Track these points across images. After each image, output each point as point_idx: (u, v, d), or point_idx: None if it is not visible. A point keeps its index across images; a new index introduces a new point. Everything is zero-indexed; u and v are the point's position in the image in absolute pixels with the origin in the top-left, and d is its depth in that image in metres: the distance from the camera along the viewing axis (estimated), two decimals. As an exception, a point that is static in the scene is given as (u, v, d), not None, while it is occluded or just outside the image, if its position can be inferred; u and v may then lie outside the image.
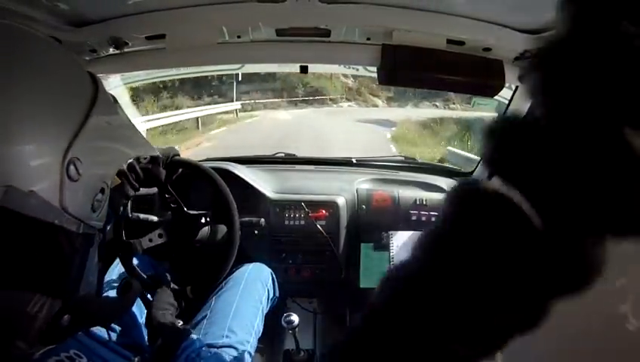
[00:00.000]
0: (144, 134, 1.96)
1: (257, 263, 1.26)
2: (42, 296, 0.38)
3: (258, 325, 1.05)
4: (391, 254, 0.75)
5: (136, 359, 0.63)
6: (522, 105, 1.16)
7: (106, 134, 0.46)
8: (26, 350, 0.39)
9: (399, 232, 0.76)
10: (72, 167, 0.38)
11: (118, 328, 0.89)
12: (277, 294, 1.29)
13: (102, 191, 0.44)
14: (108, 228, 0.95)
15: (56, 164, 0.37)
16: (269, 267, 1.30)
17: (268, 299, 1.19)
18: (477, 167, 1.47)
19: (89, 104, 0.43)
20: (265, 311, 1.14)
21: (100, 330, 0.63)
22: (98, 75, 1.18)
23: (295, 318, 1.13)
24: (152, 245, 1.02)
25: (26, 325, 0.38)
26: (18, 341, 0.37)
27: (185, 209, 1.09)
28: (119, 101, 0.60)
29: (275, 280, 1.29)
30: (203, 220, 1.10)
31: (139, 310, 1.01)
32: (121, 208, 0.99)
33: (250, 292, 1.11)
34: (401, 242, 0.75)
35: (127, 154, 0.51)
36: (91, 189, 0.42)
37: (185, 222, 1.10)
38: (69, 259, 0.41)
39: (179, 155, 1.01)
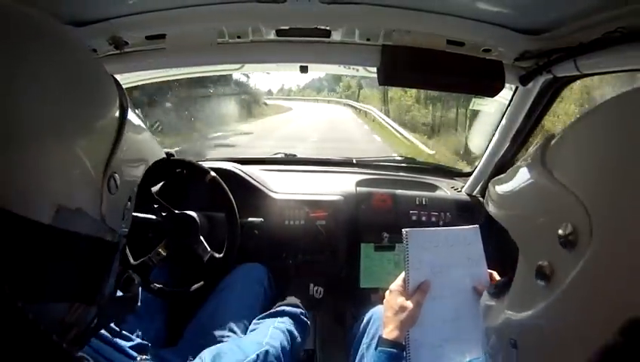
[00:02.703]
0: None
1: (254, 263, 1.26)
2: (80, 305, 0.39)
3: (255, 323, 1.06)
4: (406, 255, 0.75)
5: (139, 358, 0.63)
6: (522, 105, 1.16)
7: (135, 145, 0.46)
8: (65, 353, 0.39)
9: (415, 230, 0.77)
10: (112, 181, 0.39)
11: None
12: (274, 293, 1.29)
13: (129, 199, 0.45)
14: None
15: (99, 180, 0.38)
16: (269, 267, 1.30)
17: (266, 299, 1.19)
18: (476, 167, 1.47)
19: (120, 115, 0.43)
20: (263, 311, 1.15)
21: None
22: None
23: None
24: (162, 256, 1.03)
25: (62, 334, 0.38)
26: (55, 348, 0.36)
27: (174, 211, 1.09)
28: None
29: (272, 279, 1.29)
30: (197, 218, 1.11)
31: (141, 313, 1.01)
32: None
33: (248, 292, 1.11)
34: (419, 242, 0.76)
35: (147, 163, 0.52)
36: (123, 200, 0.43)
37: (181, 222, 1.10)
38: (105, 269, 0.42)
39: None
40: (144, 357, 0.64)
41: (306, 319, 0.98)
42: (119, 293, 0.56)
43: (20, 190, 0.31)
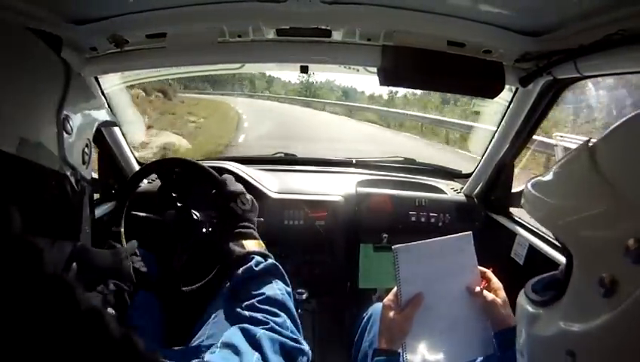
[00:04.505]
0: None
1: None
2: (52, 241, 0.43)
3: None
4: (397, 272, 0.76)
5: None
6: (522, 107, 1.16)
7: (84, 100, 0.53)
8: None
9: (403, 247, 0.76)
10: (67, 123, 0.45)
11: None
12: None
13: (87, 145, 0.51)
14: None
15: (54, 118, 0.44)
16: None
17: None
18: (477, 168, 1.47)
19: (65, 73, 0.49)
20: None
21: None
22: (99, 74, 1.18)
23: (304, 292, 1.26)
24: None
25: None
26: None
27: (190, 209, 1.09)
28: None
29: None
30: (198, 218, 1.11)
31: (152, 314, 1.02)
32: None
33: None
34: (409, 257, 0.76)
35: (100, 118, 0.58)
36: (80, 143, 0.49)
37: (181, 222, 1.10)
38: (73, 204, 0.46)
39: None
40: None
41: (276, 266, 0.77)
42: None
43: None
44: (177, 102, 12.82)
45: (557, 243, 1.09)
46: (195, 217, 1.11)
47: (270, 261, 0.76)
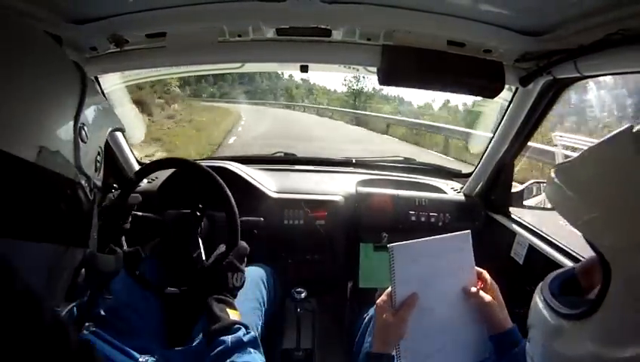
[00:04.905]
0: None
1: (258, 264, 1.26)
2: (66, 248, 0.44)
3: (260, 325, 1.05)
4: (392, 271, 0.74)
5: (143, 359, 0.63)
6: (522, 107, 1.16)
7: (97, 108, 0.54)
8: (54, 307, 0.44)
9: (400, 245, 0.74)
10: (82, 132, 0.46)
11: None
12: (278, 294, 1.29)
13: (99, 153, 0.52)
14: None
15: (71, 127, 0.44)
16: (268, 266, 1.30)
17: (270, 299, 1.19)
18: (476, 168, 1.47)
19: (81, 83, 0.50)
20: (267, 311, 1.14)
21: (105, 330, 0.64)
22: (98, 73, 1.19)
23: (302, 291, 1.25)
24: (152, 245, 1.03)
25: (51, 281, 0.43)
26: (46, 300, 0.41)
27: (174, 210, 1.10)
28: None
29: (277, 280, 1.29)
30: (197, 218, 1.11)
31: (151, 314, 1.01)
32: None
33: (253, 293, 1.11)
34: (405, 256, 0.74)
35: (110, 124, 0.59)
36: (93, 151, 0.50)
37: (179, 222, 1.10)
38: (86, 213, 0.47)
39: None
40: (148, 357, 0.64)
41: (256, 339, 0.81)
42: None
43: (9, 132, 0.37)
44: (161, 119, 9.79)
45: (558, 243, 1.10)
46: (193, 219, 1.11)
47: (253, 334, 0.80)
